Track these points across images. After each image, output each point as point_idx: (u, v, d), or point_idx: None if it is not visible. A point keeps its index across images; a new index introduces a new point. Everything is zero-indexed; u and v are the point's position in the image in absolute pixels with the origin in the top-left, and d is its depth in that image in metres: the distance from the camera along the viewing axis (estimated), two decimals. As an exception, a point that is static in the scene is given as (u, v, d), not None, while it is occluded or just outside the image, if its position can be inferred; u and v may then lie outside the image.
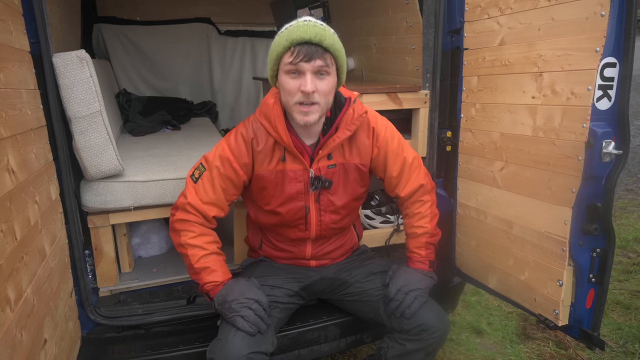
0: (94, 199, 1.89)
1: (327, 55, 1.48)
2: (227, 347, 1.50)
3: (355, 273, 1.86)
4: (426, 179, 1.83)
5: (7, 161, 1.19)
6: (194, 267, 1.66)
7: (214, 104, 4.48)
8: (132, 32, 4.16)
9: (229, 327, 1.56)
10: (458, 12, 2.02)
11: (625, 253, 3.54)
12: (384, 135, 1.75)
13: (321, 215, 1.75)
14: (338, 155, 1.71)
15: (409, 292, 1.67)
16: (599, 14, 1.43)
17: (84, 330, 1.84)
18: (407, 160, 1.78)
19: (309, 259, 1.86)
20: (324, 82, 1.50)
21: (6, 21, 1.33)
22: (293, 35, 1.45)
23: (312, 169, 1.67)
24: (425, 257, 1.82)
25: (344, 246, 1.91)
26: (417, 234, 1.83)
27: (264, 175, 1.68)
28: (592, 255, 1.64)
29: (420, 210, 1.82)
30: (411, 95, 2.15)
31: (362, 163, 1.75)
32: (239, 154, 1.66)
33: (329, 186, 1.69)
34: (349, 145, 1.72)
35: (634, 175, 5.23)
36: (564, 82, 1.57)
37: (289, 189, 1.68)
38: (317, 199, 1.72)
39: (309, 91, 1.47)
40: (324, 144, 1.65)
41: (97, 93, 1.73)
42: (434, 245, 1.85)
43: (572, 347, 2.50)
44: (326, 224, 1.77)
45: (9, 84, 1.29)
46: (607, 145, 1.49)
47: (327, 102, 1.56)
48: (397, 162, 1.77)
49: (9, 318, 1.08)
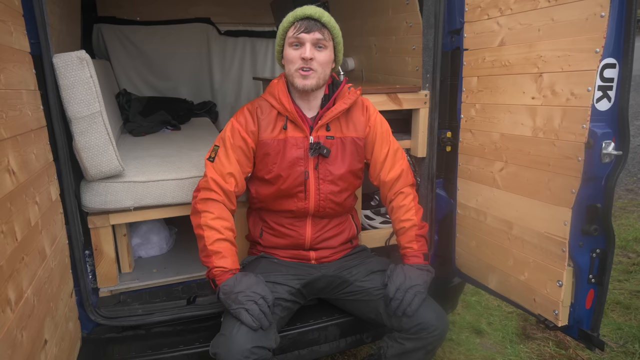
0: (94, 200, 1.89)
1: (325, 30, 1.71)
2: (230, 341, 1.51)
3: (355, 272, 1.87)
4: (408, 170, 1.93)
5: (7, 162, 1.19)
6: (207, 249, 1.70)
7: (214, 104, 4.48)
8: (132, 32, 4.16)
9: (232, 321, 1.57)
10: (458, 13, 2.02)
11: (625, 253, 3.54)
12: (375, 117, 1.90)
13: (320, 184, 1.82)
14: (336, 129, 1.83)
15: (408, 290, 1.68)
16: (598, 14, 1.43)
17: (84, 331, 1.84)
18: (392, 147, 1.90)
19: (309, 249, 1.87)
20: (321, 53, 1.72)
21: (6, 22, 1.33)
22: (297, 12, 1.71)
23: (311, 136, 1.80)
24: (418, 250, 1.84)
25: (343, 234, 1.95)
26: (406, 227, 1.86)
27: (267, 141, 1.80)
28: (591, 255, 1.64)
29: (404, 202, 1.87)
30: (411, 95, 2.15)
31: (359, 137, 1.87)
32: (246, 123, 1.81)
33: (326, 154, 1.80)
34: (346, 120, 1.85)
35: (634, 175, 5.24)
36: (563, 83, 1.57)
37: (290, 154, 1.79)
38: (316, 166, 1.81)
39: (308, 57, 1.68)
40: (322, 115, 1.80)
41: (97, 93, 1.73)
42: (425, 238, 1.88)
43: (572, 347, 2.50)
44: (325, 194, 1.83)
45: (9, 84, 1.29)
46: (607, 146, 1.50)
47: (325, 73, 1.75)
48: (384, 147, 1.88)
49: (10, 319, 1.09)
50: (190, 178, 2.03)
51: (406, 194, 1.89)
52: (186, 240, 2.51)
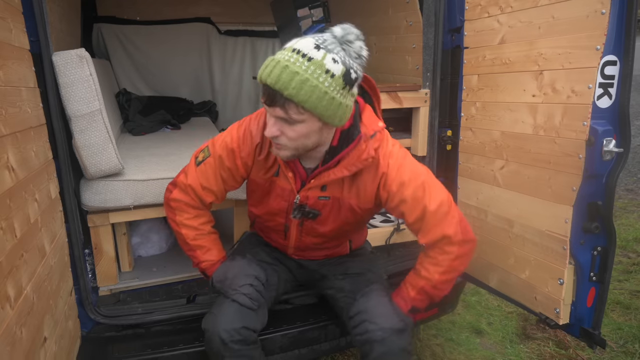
0: (93, 198, 1.88)
1: (291, 105, 1.26)
2: (219, 320, 1.54)
3: (333, 269, 1.79)
4: (455, 229, 1.49)
5: (6, 159, 1.19)
6: (189, 244, 1.69)
7: (214, 104, 4.48)
8: (132, 31, 4.16)
9: (223, 301, 1.60)
10: (458, 11, 2.02)
11: (625, 253, 3.54)
12: (397, 182, 1.47)
13: (302, 236, 1.68)
14: (335, 189, 1.53)
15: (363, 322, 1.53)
16: (599, 12, 1.43)
17: (83, 329, 1.84)
18: (427, 209, 1.46)
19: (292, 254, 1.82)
20: (291, 128, 1.31)
21: (6, 19, 1.33)
22: (260, 71, 1.30)
23: (299, 194, 1.54)
24: (410, 299, 1.58)
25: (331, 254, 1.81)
26: (420, 274, 1.58)
27: (256, 181, 1.62)
28: (592, 253, 1.64)
29: (437, 257, 1.53)
30: (411, 94, 2.15)
31: (360, 206, 1.56)
32: (244, 151, 1.57)
33: (313, 217, 1.58)
34: (350, 182, 1.53)
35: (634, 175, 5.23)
36: (564, 81, 1.57)
37: (274, 203, 1.62)
38: (300, 224, 1.63)
39: (269, 136, 1.36)
40: (318, 175, 1.50)
41: (97, 92, 1.73)
42: (430, 297, 1.58)
43: (572, 347, 2.50)
44: (305, 244, 1.71)
45: (9, 81, 1.28)
46: (608, 144, 1.50)
47: (304, 145, 1.38)
48: (414, 211, 1.48)
49: (9, 315, 1.08)
50: (190, 176, 2.02)
51: (446, 252, 1.50)
52: (186, 240, 2.50)
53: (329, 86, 1.25)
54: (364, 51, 1.31)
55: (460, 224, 1.51)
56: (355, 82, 1.32)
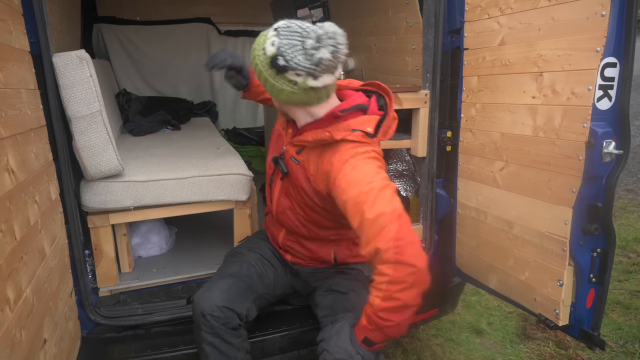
0: (93, 199, 1.89)
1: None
2: (205, 294, 1.62)
3: (321, 283, 1.76)
4: (387, 245, 1.29)
5: (6, 161, 1.19)
6: None
7: (214, 104, 4.48)
8: (132, 32, 4.16)
9: (215, 279, 1.69)
10: (458, 12, 2.02)
11: (625, 253, 3.54)
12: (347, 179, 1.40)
13: (280, 194, 1.67)
14: (305, 158, 1.55)
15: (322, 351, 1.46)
16: (599, 13, 1.43)
17: (83, 330, 1.84)
18: (365, 216, 1.33)
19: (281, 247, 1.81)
20: None
21: (6, 21, 1.33)
22: None
23: (285, 146, 1.62)
24: (363, 327, 1.40)
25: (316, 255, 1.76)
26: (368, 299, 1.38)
27: (275, 127, 1.76)
28: (592, 255, 1.64)
29: (375, 278, 1.33)
30: (411, 95, 2.14)
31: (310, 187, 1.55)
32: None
33: (283, 172, 1.62)
34: (315, 161, 1.52)
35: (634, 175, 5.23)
36: (564, 82, 1.57)
37: (273, 149, 1.73)
38: (282, 178, 1.65)
39: None
40: (297, 135, 1.56)
41: (97, 93, 1.73)
42: (380, 329, 1.37)
43: (572, 347, 2.50)
44: (282, 208, 1.68)
45: (9, 83, 1.29)
46: (608, 145, 1.50)
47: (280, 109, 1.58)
48: (355, 216, 1.36)
49: (9, 318, 1.08)
50: (190, 178, 2.03)
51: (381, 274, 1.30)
52: (186, 240, 2.51)
53: (262, 62, 1.39)
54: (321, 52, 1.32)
55: (397, 241, 1.28)
56: (286, 70, 1.35)
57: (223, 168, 2.12)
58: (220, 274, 1.74)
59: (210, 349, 1.57)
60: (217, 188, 2.07)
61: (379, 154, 1.48)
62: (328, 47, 1.33)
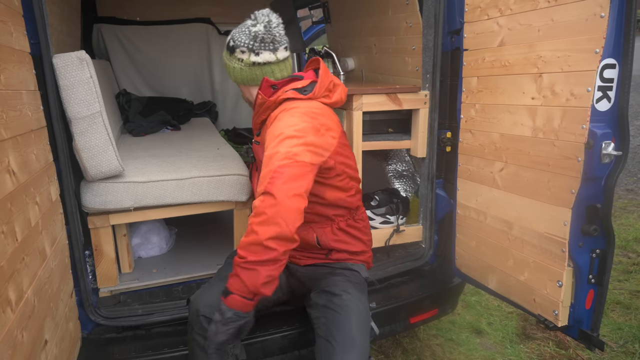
0: (94, 200, 1.89)
1: None
2: (204, 294, 1.63)
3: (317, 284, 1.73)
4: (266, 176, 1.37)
5: (7, 162, 1.19)
6: None
7: (214, 104, 4.48)
8: (132, 32, 4.16)
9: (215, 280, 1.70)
10: (458, 13, 2.02)
11: (625, 253, 3.54)
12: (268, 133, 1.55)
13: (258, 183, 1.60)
14: (263, 134, 1.70)
15: None
16: (598, 15, 1.43)
17: (84, 331, 1.84)
18: (265, 155, 1.44)
19: None
20: None
21: (6, 22, 1.33)
22: None
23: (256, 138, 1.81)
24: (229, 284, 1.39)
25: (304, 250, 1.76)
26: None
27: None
28: (591, 256, 1.64)
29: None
30: (411, 95, 2.15)
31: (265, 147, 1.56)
32: None
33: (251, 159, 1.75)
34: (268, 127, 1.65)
35: (634, 175, 5.23)
36: (563, 83, 1.57)
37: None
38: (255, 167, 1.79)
39: None
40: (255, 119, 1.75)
41: (97, 94, 1.74)
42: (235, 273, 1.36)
43: (572, 347, 2.50)
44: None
45: (9, 85, 1.29)
46: (607, 146, 1.50)
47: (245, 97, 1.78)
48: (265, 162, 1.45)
49: (10, 319, 1.09)
50: (190, 178, 2.03)
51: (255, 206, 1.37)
52: (186, 241, 2.51)
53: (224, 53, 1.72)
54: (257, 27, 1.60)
55: (274, 173, 1.36)
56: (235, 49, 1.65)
57: (223, 169, 2.12)
58: (219, 276, 1.74)
59: (200, 351, 1.56)
60: (217, 189, 2.07)
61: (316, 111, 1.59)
62: (262, 23, 1.60)
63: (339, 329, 1.52)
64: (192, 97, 4.40)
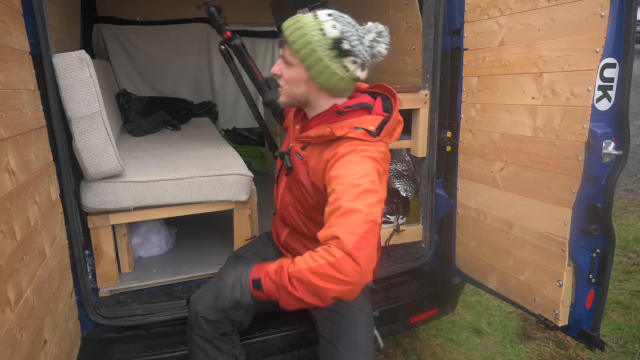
0: (93, 199, 1.89)
1: (287, 47, 1.46)
2: (204, 294, 1.62)
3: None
4: (350, 237, 1.24)
5: (7, 162, 1.19)
6: None
7: (214, 104, 4.48)
8: (132, 32, 4.16)
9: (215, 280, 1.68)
10: (458, 13, 2.02)
11: (625, 253, 3.54)
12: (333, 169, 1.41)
13: (284, 190, 1.67)
14: (309, 154, 1.54)
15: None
16: (598, 14, 1.43)
17: (84, 331, 1.84)
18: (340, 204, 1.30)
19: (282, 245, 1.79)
20: (288, 70, 1.49)
21: (6, 22, 1.33)
22: None
23: (292, 142, 1.63)
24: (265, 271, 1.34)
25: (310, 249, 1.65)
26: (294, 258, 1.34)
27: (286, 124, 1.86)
28: (591, 255, 1.64)
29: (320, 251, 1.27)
30: (411, 95, 2.14)
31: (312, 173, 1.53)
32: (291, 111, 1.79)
33: (287, 168, 1.61)
34: (317, 157, 1.50)
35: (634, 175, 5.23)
36: (563, 83, 1.57)
37: (283, 146, 1.74)
38: (287, 173, 1.64)
39: (272, 72, 1.54)
40: (305, 130, 1.56)
41: (97, 93, 1.73)
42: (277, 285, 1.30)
43: (572, 347, 2.50)
44: (285, 204, 1.68)
45: (9, 84, 1.29)
46: (607, 146, 1.50)
47: (293, 92, 1.50)
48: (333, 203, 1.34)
49: (9, 319, 1.09)
50: (190, 178, 2.03)
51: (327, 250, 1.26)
52: (186, 241, 2.51)
53: (317, 42, 1.40)
54: (380, 46, 1.44)
55: (361, 239, 1.25)
56: (348, 55, 1.41)
57: (223, 168, 2.12)
58: (219, 276, 1.74)
59: (199, 352, 1.57)
60: (217, 188, 2.07)
61: (382, 156, 1.44)
62: (384, 44, 1.45)
63: (344, 333, 1.53)
64: (192, 97, 4.41)
